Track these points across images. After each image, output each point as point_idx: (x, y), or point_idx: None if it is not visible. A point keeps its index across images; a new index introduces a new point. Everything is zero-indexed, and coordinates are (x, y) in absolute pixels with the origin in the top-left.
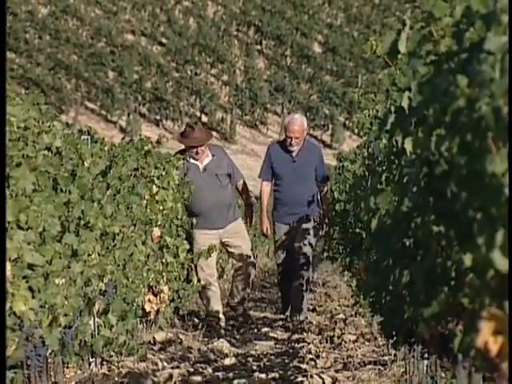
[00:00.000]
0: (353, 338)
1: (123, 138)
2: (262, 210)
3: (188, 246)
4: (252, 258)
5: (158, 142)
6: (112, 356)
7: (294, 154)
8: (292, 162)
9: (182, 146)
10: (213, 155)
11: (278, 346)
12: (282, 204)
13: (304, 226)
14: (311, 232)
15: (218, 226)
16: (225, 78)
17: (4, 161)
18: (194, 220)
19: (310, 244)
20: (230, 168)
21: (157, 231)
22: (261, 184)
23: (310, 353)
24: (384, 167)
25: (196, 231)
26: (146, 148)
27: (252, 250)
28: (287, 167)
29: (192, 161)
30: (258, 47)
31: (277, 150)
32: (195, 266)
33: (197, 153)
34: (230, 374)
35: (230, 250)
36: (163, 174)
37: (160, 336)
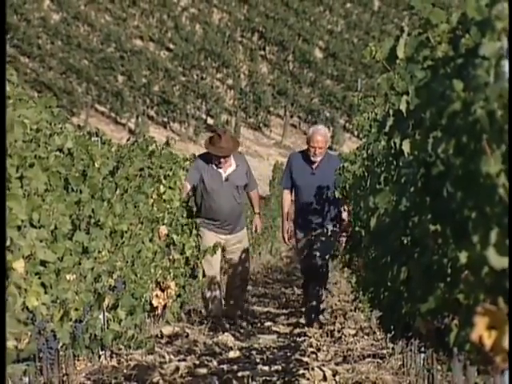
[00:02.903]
0: (352, 332)
1: (128, 140)
2: (283, 218)
3: (194, 244)
4: (247, 268)
5: (167, 143)
6: (121, 349)
7: (314, 166)
8: (311, 175)
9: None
10: (237, 165)
11: (280, 339)
12: (301, 214)
13: (322, 237)
14: (329, 243)
15: (226, 233)
16: (230, 82)
17: (4, 161)
18: (203, 221)
19: (328, 255)
20: (247, 178)
21: (163, 229)
22: (282, 192)
23: (311, 346)
24: (383, 168)
25: (204, 230)
26: (150, 148)
27: (249, 262)
28: (306, 179)
29: (214, 167)
30: (262, 53)
31: (298, 160)
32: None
33: (219, 162)
34: (235, 367)
35: (228, 255)
36: (170, 174)
37: (167, 330)
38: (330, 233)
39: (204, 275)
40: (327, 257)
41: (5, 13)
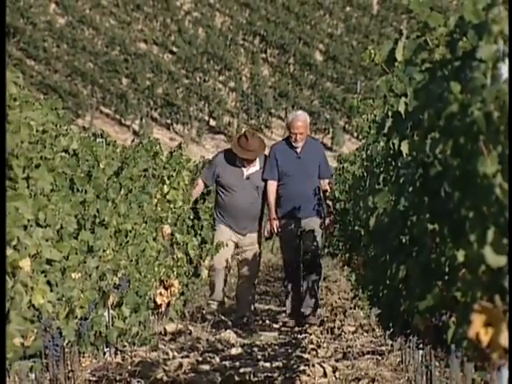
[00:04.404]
0: (352, 329)
1: (133, 141)
2: (270, 209)
3: (197, 243)
4: (255, 274)
5: (180, 146)
6: (125, 346)
7: (298, 151)
8: (297, 159)
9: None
10: (260, 167)
11: (281, 336)
12: (287, 200)
13: (310, 222)
14: (317, 228)
15: (240, 232)
16: (232, 84)
17: (4, 162)
18: (220, 216)
19: (317, 241)
20: None
21: (167, 229)
22: (267, 184)
23: (311, 343)
24: (382, 168)
25: (220, 225)
26: (154, 149)
27: (258, 271)
28: (292, 164)
29: (238, 164)
30: (263, 55)
31: (281, 147)
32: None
33: (247, 162)
34: (237, 363)
35: (239, 257)
36: (174, 174)
37: (171, 327)
38: (318, 220)
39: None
40: (318, 249)
41: (5, 13)
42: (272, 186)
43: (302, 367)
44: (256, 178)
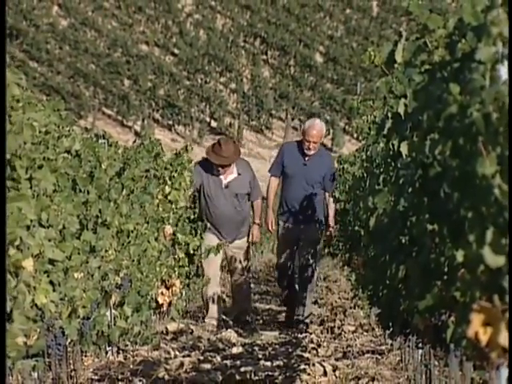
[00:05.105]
0: (352, 328)
1: (134, 142)
2: (268, 205)
3: (198, 243)
4: (248, 274)
5: (186, 149)
6: (127, 345)
7: (307, 158)
8: (303, 165)
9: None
10: (238, 173)
11: (282, 335)
12: (288, 204)
13: (309, 229)
14: (315, 237)
15: (226, 240)
16: (233, 85)
17: (4, 162)
18: (206, 224)
19: (315, 248)
20: (250, 186)
21: (169, 229)
22: (269, 179)
23: (312, 342)
24: (381, 169)
25: (207, 233)
26: (156, 150)
27: (250, 267)
28: (297, 169)
29: (215, 172)
30: (264, 57)
31: (291, 149)
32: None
33: (219, 170)
34: (238, 362)
35: (230, 264)
36: (175, 175)
37: (172, 326)
38: (317, 228)
39: (203, 275)
40: (314, 256)
41: (5, 13)
42: (273, 182)
43: (302, 366)
44: (234, 185)
